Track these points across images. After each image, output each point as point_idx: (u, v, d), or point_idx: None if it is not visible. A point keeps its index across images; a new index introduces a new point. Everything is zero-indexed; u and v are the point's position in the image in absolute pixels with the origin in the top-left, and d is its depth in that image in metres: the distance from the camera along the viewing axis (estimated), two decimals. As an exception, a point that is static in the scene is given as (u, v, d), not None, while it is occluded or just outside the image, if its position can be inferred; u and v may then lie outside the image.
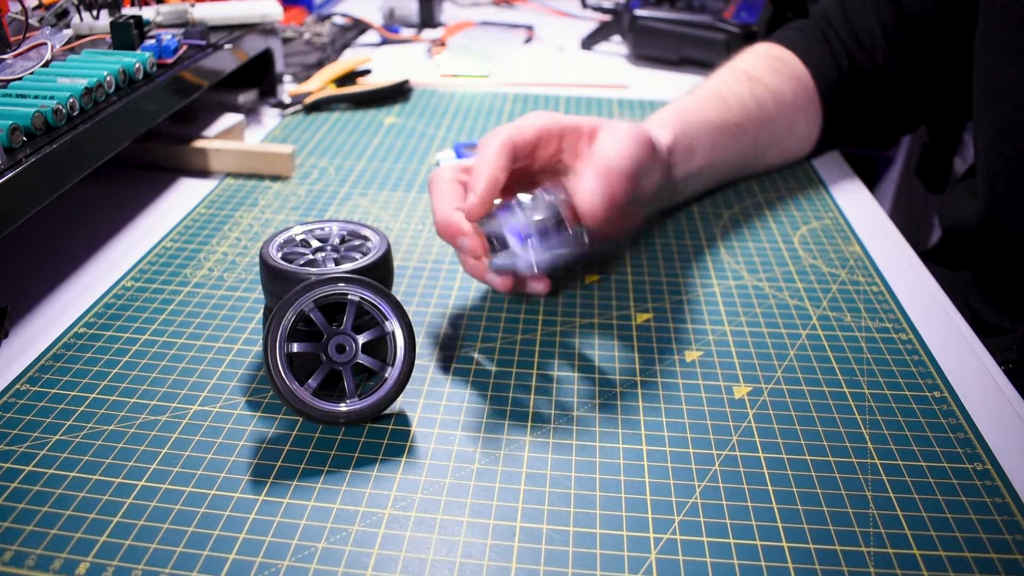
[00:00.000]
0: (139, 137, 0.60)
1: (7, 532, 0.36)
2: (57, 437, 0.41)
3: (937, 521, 0.38)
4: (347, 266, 0.45)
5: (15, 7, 0.61)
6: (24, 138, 0.49)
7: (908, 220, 1.37)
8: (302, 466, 0.40)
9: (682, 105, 0.62)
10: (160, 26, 0.70)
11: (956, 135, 1.16)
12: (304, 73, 0.90)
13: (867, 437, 0.43)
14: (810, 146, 0.73)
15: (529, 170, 0.53)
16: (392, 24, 1.13)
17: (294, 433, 0.42)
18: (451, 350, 0.49)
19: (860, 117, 0.72)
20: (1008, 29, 0.57)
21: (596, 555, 0.36)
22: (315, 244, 0.48)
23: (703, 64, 0.98)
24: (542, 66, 0.99)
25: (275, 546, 0.36)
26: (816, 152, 0.74)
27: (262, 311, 0.51)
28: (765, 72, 0.68)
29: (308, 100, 0.83)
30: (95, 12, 0.66)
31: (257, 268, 0.52)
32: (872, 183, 1.43)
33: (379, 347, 0.43)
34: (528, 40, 1.09)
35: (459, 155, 0.71)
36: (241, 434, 0.42)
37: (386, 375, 0.42)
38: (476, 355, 0.48)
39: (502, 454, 0.41)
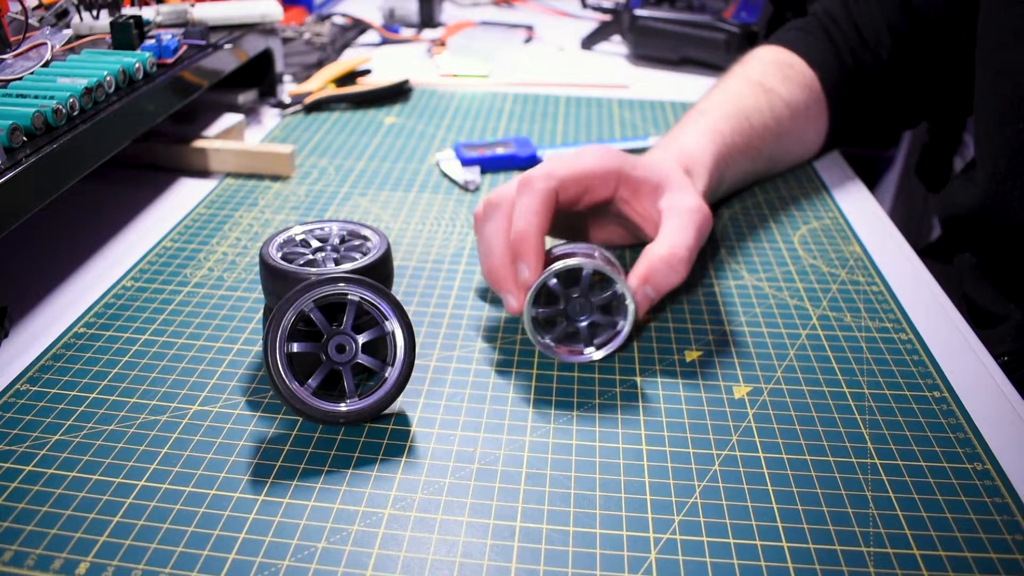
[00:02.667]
0: (139, 137, 0.60)
1: (7, 532, 0.36)
2: (57, 437, 0.41)
3: (937, 521, 0.38)
4: (347, 266, 0.45)
5: (15, 7, 0.61)
6: (24, 138, 0.49)
7: (908, 220, 1.37)
8: (302, 466, 0.40)
9: (717, 130, 0.61)
10: (160, 26, 0.70)
11: (956, 135, 1.16)
12: (304, 73, 0.90)
13: (867, 437, 0.43)
14: (816, 149, 0.73)
15: (575, 208, 0.51)
16: (392, 24, 1.13)
17: (294, 433, 0.42)
18: (451, 350, 0.49)
19: (863, 115, 0.72)
20: (1011, 10, 0.57)
21: (596, 555, 0.36)
22: (315, 244, 0.48)
23: (703, 64, 0.98)
24: (542, 66, 0.99)
25: (275, 546, 0.36)
26: (820, 153, 0.74)
27: (262, 311, 0.51)
28: (778, 81, 0.68)
29: (308, 100, 0.83)
30: (95, 12, 0.66)
31: (257, 268, 0.52)
32: (872, 183, 1.43)
33: (379, 347, 0.43)
34: (528, 40, 1.09)
35: (459, 155, 0.71)
36: (241, 434, 0.42)
37: (386, 375, 0.42)
38: (476, 355, 0.48)
39: (502, 454, 0.41)
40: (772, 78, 0.68)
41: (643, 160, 0.52)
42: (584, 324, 0.48)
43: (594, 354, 0.47)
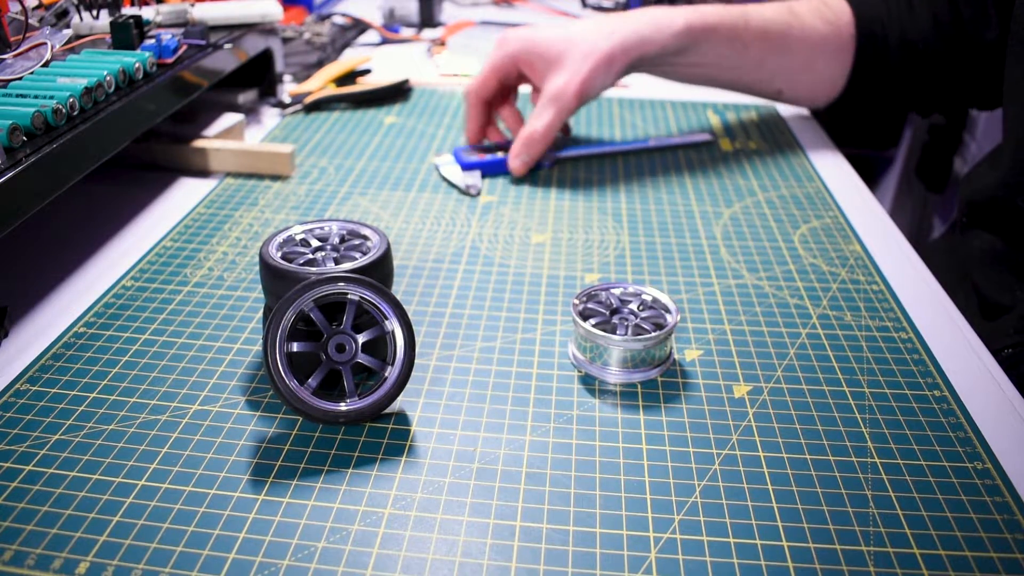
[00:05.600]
0: (139, 137, 0.60)
1: (7, 532, 0.36)
2: (57, 437, 0.41)
3: (937, 520, 0.38)
4: (347, 265, 0.45)
5: (15, 7, 0.61)
6: (24, 138, 0.49)
7: (908, 220, 1.37)
8: (302, 466, 0.40)
9: (697, 9, 0.70)
10: (160, 26, 0.70)
11: (956, 135, 1.16)
12: (304, 73, 0.90)
13: (867, 436, 0.43)
14: (831, 93, 0.75)
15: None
16: (392, 24, 1.13)
17: (294, 433, 0.42)
18: (451, 350, 0.49)
19: (891, 85, 0.73)
20: None
21: (596, 554, 0.36)
22: (315, 243, 0.48)
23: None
24: (542, 66, 0.99)
25: (275, 545, 0.36)
26: (840, 104, 0.76)
27: (262, 311, 0.51)
28: (807, 13, 0.72)
29: (308, 100, 0.83)
30: (95, 12, 0.66)
31: (257, 268, 0.52)
32: (872, 183, 1.43)
33: (379, 346, 0.43)
34: (528, 40, 1.09)
35: (458, 160, 0.71)
36: (241, 434, 0.42)
37: (386, 374, 0.42)
38: (476, 355, 0.48)
39: (502, 454, 0.41)
40: (803, 8, 0.72)
41: (545, 42, 0.69)
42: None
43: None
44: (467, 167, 0.71)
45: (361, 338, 0.42)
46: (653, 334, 0.46)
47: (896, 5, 0.72)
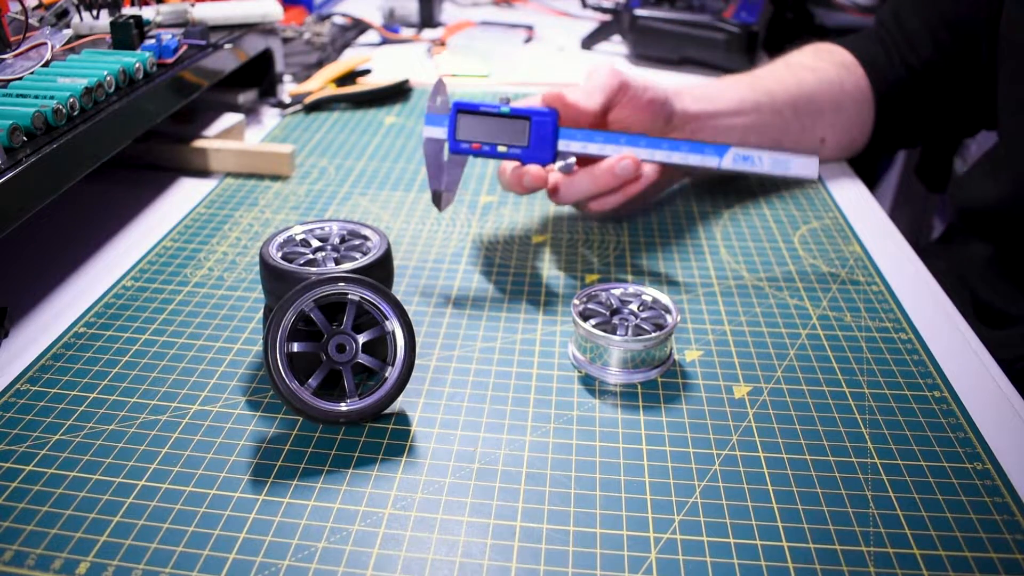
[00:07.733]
0: (139, 137, 0.60)
1: (7, 532, 0.36)
2: (57, 437, 0.41)
3: (937, 521, 0.38)
4: (347, 266, 0.45)
5: (15, 7, 0.61)
6: (24, 138, 0.49)
7: (908, 220, 1.37)
8: (302, 466, 0.40)
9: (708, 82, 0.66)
10: (160, 26, 0.70)
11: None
12: (304, 73, 0.90)
13: (867, 437, 0.43)
14: (864, 135, 0.73)
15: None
16: (392, 24, 1.13)
17: (294, 433, 0.42)
18: (451, 350, 0.49)
19: (917, 116, 0.72)
20: None
21: (596, 555, 0.36)
22: (315, 244, 0.48)
23: (703, 64, 0.98)
24: (542, 66, 0.99)
25: (275, 546, 0.36)
26: (876, 148, 0.74)
27: (262, 311, 0.51)
28: (807, 57, 0.70)
29: (308, 100, 0.83)
30: (95, 12, 0.66)
31: (257, 268, 0.52)
32: (872, 183, 1.43)
33: (379, 347, 0.43)
34: (528, 40, 1.09)
35: (450, 130, 0.53)
36: (241, 434, 0.42)
37: (386, 375, 0.42)
38: (476, 355, 0.48)
39: (502, 454, 0.41)
40: (800, 56, 0.71)
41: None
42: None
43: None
44: (457, 150, 0.53)
45: (361, 338, 0.42)
46: (653, 335, 0.46)
47: (892, 40, 0.71)
